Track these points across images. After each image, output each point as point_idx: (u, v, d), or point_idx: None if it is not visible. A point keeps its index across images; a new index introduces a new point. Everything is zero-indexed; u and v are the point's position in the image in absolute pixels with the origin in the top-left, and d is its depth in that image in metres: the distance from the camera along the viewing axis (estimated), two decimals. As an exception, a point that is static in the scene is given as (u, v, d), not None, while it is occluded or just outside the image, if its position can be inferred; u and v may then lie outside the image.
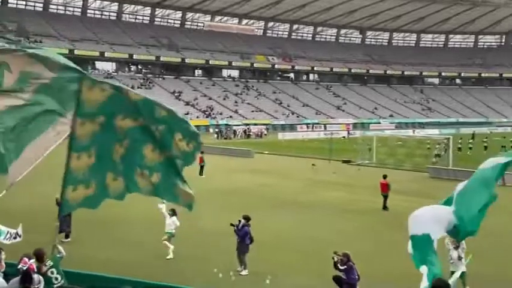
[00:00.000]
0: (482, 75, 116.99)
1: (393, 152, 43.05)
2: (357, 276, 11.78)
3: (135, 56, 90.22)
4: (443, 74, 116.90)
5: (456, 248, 12.09)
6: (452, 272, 11.96)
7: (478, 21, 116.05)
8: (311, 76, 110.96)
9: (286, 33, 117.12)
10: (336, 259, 11.93)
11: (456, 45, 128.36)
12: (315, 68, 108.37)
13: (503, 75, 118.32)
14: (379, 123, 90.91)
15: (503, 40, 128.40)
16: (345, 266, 11.77)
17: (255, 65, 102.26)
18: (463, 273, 11.97)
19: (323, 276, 13.97)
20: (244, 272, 14.02)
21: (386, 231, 19.38)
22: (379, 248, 16.93)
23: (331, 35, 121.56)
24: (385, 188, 23.25)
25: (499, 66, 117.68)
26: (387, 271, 14.26)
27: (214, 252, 15.76)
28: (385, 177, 23.71)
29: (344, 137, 69.99)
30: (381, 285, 13.21)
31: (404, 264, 14.75)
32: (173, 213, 15.12)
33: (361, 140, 49.38)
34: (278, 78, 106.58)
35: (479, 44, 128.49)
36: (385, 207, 23.10)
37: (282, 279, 13.70)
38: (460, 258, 12.09)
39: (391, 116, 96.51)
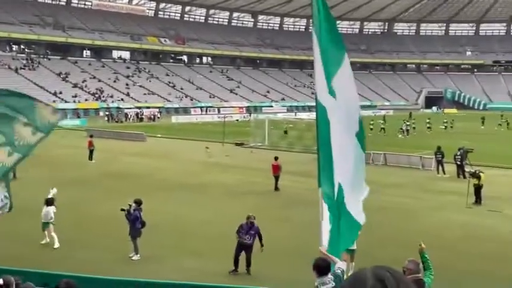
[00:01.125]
0: (367, 60, 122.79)
1: (284, 134, 44.11)
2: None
3: (16, 35, 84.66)
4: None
5: None
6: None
7: (363, 8, 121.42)
8: (204, 59, 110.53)
9: (179, 15, 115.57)
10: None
11: (343, 31, 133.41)
12: (208, 51, 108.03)
13: (386, 61, 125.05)
14: (272, 106, 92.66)
15: (386, 27, 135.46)
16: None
17: (146, 46, 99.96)
18: (353, 250, 12.49)
19: (212, 258, 14.07)
20: (135, 257, 13.76)
21: (278, 211, 19.85)
22: (272, 227, 17.27)
23: (224, 18, 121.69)
24: (276, 170, 23.76)
25: (382, 52, 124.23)
26: (279, 250, 14.60)
27: (105, 238, 15.33)
28: (276, 159, 24.21)
29: (238, 120, 70.57)
30: (272, 257, 13.50)
31: (295, 242, 15.23)
32: (49, 203, 14.75)
33: (254, 123, 50.05)
34: (171, 60, 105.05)
35: (364, 30, 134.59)
36: (276, 188, 23.62)
37: (174, 262, 13.61)
38: None
39: (283, 99, 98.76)
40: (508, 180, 26.58)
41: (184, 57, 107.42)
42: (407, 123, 53.43)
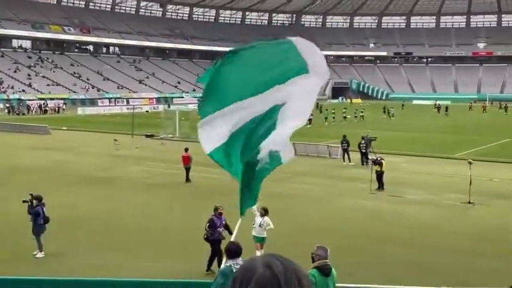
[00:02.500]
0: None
1: (196, 125, 43.84)
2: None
3: None
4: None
5: (262, 215, 12.76)
6: (254, 237, 12.73)
7: (271, 0, 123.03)
8: (111, 49, 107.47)
9: (83, 3, 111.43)
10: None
11: (252, 22, 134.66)
12: (115, 41, 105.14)
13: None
14: (183, 97, 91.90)
15: (294, 19, 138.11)
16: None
17: (49, 35, 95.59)
18: (263, 239, 12.75)
19: (123, 252, 13.86)
20: (39, 255, 13.24)
21: (191, 202, 19.82)
22: (187, 219, 17.23)
23: (131, 7, 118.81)
24: (187, 161, 23.66)
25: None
26: (197, 241, 14.60)
27: (9, 236, 14.65)
28: (186, 150, 24.09)
29: (148, 111, 69.44)
30: (190, 250, 13.50)
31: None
32: None
33: (164, 114, 49.46)
34: (76, 50, 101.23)
35: (273, 21, 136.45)
36: (188, 180, 23.54)
37: (82, 259, 13.25)
38: (261, 225, 12.78)
39: (194, 90, 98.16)
40: (408, 166, 28.08)
41: (90, 47, 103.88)
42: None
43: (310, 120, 52.78)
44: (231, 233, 12.67)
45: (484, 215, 18.30)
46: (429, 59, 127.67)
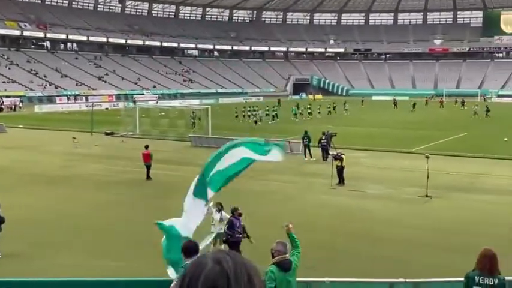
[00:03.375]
0: (236, 48, 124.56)
1: (157, 122, 43.53)
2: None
3: None
4: (200, 46, 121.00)
5: (219, 210, 12.80)
6: (217, 234, 12.74)
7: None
8: (69, 45, 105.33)
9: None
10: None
11: (213, 19, 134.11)
12: (73, 37, 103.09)
13: (254, 48, 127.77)
14: (143, 94, 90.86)
15: (255, 15, 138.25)
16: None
17: (3, 31, 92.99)
18: (219, 234, 12.77)
19: (87, 252, 13.67)
20: (-3, 257, 12.92)
21: (152, 200, 19.66)
22: (145, 218, 17.08)
23: (89, 3, 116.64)
24: (147, 158, 23.45)
25: (251, 40, 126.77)
26: (155, 242, 14.47)
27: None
28: (147, 147, 23.90)
29: (107, 108, 68.45)
30: (147, 250, 13.40)
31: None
32: None
33: (124, 111, 48.88)
34: (32, 46, 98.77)
35: (233, 18, 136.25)
36: (148, 177, 23.33)
37: (40, 259, 13.00)
38: (221, 220, 12.81)
39: (154, 87, 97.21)
40: (367, 161, 28.52)
41: (47, 43, 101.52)
42: (251, 109, 53.82)
43: (273, 116, 53.15)
44: (248, 236, 12.61)
45: (441, 208, 18.76)
46: (387, 56, 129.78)
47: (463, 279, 6.58)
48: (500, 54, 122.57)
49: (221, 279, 1.38)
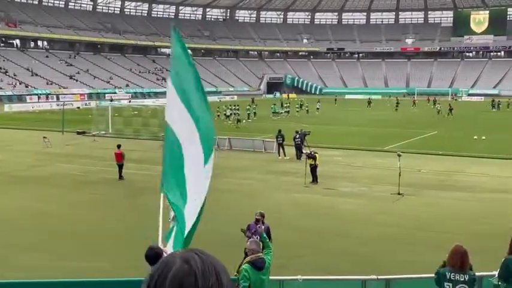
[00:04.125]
0: (209, 47, 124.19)
1: (130, 121, 43.12)
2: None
3: None
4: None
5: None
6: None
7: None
8: (40, 43, 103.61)
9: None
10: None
11: (186, 17, 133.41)
12: (44, 35, 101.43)
13: (229, 47, 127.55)
14: (115, 93, 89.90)
15: (228, 14, 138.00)
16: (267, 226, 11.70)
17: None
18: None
19: (49, 251, 13.46)
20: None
21: (122, 200, 19.47)
22: (116, 218, 16.92)
23: (60, 1, 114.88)
24: (119, 158, 23.23)
25: (225, 38, 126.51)
26: (127, 240, 14.35)
27: None
28: (119, 147, 23.68)
29: (79, 107, 67.59)
30: (118, 249, 13.24)
31: (142, 232, 15.04)
32: None
33: (97, 110, 48.27)
34: (2, 44, 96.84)
35: (207, 16, 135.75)
36: (121, 177, 23.11)
37: (6, 260, 12.75)
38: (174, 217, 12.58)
39: (127, 85, 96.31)
40: (341, 159, 28.71)
41: (17, 42, 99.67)
42: (232, 108, 53.66)
43: (248, 115, 53.05)
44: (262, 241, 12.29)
45: (413, 205, 18.98)
46: (360, 55, 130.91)
47: (434, 275, 6.65)
48: (470, 54, 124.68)
49: (189, 278, 1.37)
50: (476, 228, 15.76)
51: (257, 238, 11.84)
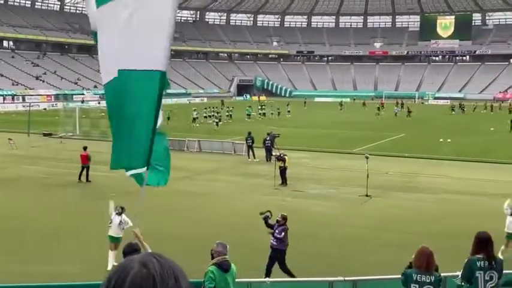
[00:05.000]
0: (179, 48, 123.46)
1: (97, 123, 42.53)
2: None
3: None
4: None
5: (119, 214, 12.36)
6: (110, 237, 12.42)
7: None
8: (5, 43, 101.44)
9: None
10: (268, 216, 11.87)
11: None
12: (10, 35, 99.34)
13: (199, 49, 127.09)
14: (83, 94, 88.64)
15: (198, 16, 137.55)
16: (282, 228, 11.63)
17: None
18: (119, 238, 12.29)
19: (12, 255, 13.21)
20: None
21: (89, 202, 19.20)
22: (80, 221, 16.66)
23: (27, 0, 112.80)
24: (85, 160, 22.92)
25: (195, 40, 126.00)
26: (97, 244, 14.15)
27: None
28: (85, 148, 23.38)
29: (45, 108, 66.49)
30: (83, 252, 13.07)
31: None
32: None
33: (63, 111, 47.59)
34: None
35: (176, 18, 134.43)
36: (87, 179, 22.80)
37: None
38: (120, 223, 12.35)
39: (95, 87, 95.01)
40: (310, 161, 28.88)
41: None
42: (212, 109, 53.12)
43: (217, 123, 52.63)
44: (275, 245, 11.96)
45: (380, 207, 19.22)
46: (329, 58, 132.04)
47: (400, 276, 6.73)
48: (437, 58, 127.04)
49: (147, 282, 1.36)
50: (436, 228, 16.04)
51: (274, 240, 11.86)
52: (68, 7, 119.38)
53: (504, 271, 6.79)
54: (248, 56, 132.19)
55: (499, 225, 13.13)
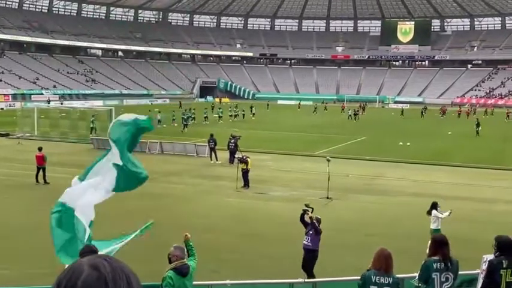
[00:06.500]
0: (141, 49, 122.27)
1: (57, 124, 41.73)
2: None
3: None
4: (103, 46, 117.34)
5: None
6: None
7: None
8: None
9: None
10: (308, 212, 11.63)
11: (117, 18, 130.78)
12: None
13: (161, 50, 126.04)
14: (42, 94, 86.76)
15: (161, 16, 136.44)
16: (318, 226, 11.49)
17: None
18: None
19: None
20: None
21: (46, 205, 18.75)
22: (36, 224, 16.27)
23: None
24: (41, 161, 22.41)
25: (158, 41, 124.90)
26: (39, 247, 13.81)
27: None
28: (40, 149, 22.86)
29: (2, 108, 64.83)
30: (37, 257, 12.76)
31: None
32: None
33: (21, 111, 46.46)
34: None
35: (139, 18, 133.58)
36: (45, 181, 22.30)
37: None
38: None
39: (54, 87, 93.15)
40: (272, 164, 28.96)
41: None
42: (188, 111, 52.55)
43: (186, 125, 52.13)
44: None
45: (340, 209, 19.41)
46: (292, 61, 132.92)
47: (359, 278, 6.79)
48: (397, 63, 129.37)
49: (99, 284, 1.35)
50: (398, 231, 16.30)
51: (307, 239, 11.88)
52: (27, 5, 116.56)
53: (459, 272, 6.93)
54: (211, 58, 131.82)
55: (455, 227, 13.42)
